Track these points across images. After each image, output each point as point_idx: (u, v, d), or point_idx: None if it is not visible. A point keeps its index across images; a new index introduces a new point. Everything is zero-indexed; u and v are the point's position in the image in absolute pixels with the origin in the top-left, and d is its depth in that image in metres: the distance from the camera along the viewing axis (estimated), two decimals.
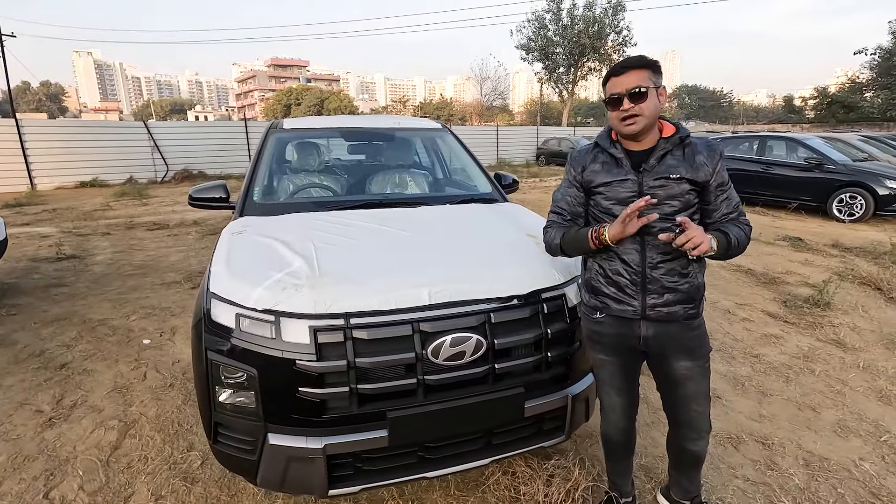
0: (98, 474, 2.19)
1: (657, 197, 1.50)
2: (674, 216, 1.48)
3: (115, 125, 16.63)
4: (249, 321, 1.62)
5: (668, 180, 1.50)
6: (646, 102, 1.44)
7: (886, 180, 8.03)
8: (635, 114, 1.45)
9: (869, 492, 2.10)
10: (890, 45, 25.02)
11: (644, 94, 1.44)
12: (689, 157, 1.51)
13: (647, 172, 1.52)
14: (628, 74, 1.45)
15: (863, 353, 3.41)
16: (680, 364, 1.60)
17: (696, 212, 1.55)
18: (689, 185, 1.50)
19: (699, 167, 1.50)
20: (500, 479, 2.11)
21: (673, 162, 1.51)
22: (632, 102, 1.44)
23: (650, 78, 1.45)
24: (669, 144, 1.52)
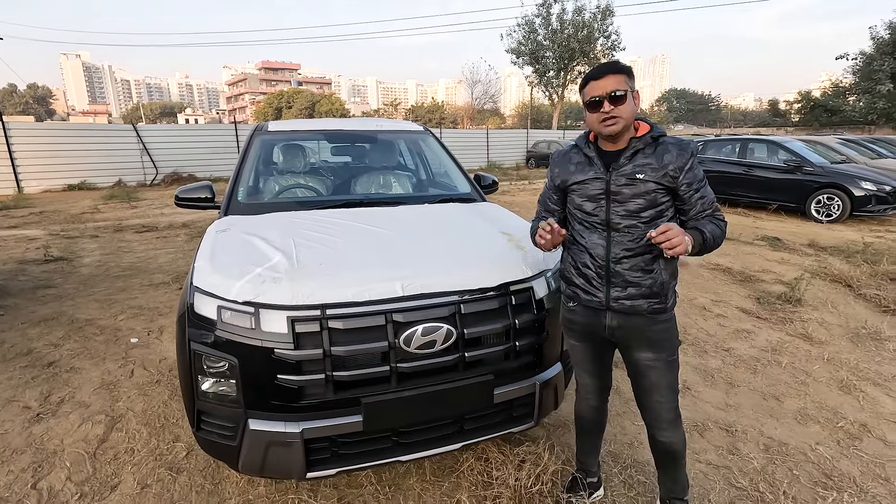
0: (85, 465, 2.26)
1: (623, 195, 1.59)
2: (640, 213, 1.58)
3: (104, 128, 16.55)
4: (231, 313, 1.70)
5: (633, 180, 1.58)
6: (624, 105, 1.53)
7: (862, 182, 8.26)
8: (615, 115, 1.53)
9: (822, 473, 2.22)
10: (871, 51, 25.55)
11: (623, 97, 1.53)
12: (659, 155, 1.57)
13: (615, 171, 1.61)
14: (607, 78, 1.53)
15: (828, 346, 3.55)
16: (643, 355, 1.69)
17: (668, 209, 1.60)
18: (655, 184, 1.56)
19: (665, 166, 1.55)
20: (473, 464, 2.21)
21: (642, 161, 1.58)
22: (612, 104, 1.53)
23: (626, 82, 1.54)
24: (640, 143, 1.59)
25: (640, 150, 1.60)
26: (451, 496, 2.06)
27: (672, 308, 1.69)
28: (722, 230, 1.61)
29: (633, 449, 2.38)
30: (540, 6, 31.07)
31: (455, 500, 2.03)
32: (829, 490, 2.10)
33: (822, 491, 2.10)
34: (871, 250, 6.06)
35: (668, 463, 1.82)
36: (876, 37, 25.38)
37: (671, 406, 1.73)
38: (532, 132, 25.60)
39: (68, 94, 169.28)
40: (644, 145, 1.60)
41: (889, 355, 3.40)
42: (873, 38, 25.57)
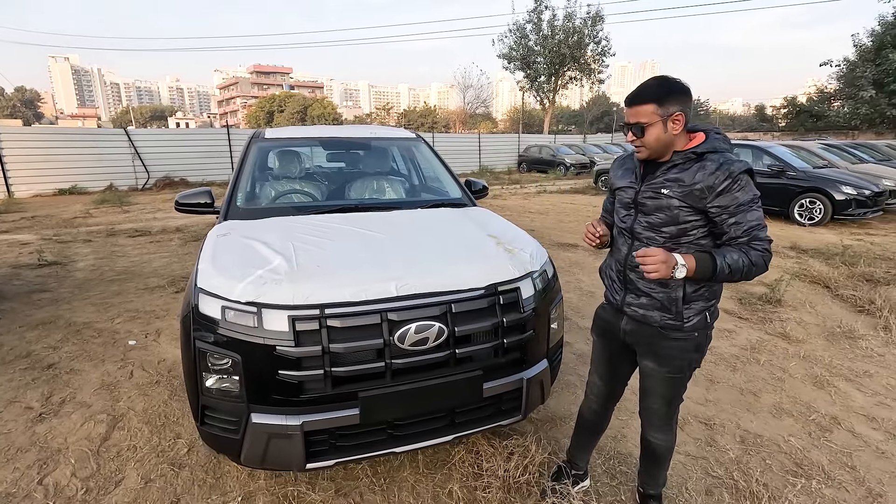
0: (89, 462, 2.33)
1: (647, 208, 1.62)
2: (660, 227, 1.59)
3: (95, 132, 16.46)
4: (234, 312, 1.80)
5: (658, 194, 1.58)
6: (646, 137, 1.53)
7: (843, 186, 8.50)
8: (640, 145, 1.57)
9: (793, 462, 2.36)
10: (854, 58, 26.11)
11: (644, 130, 1.53)
12: (693, 173, 1.51)
13: (646, 183, 1.63)
14: (633, 109, 1.54)
15: (805, 344, 3.70)
16: (645, 362, 1.75)
17: (695, 229, 1.55)
18: (679, 201, 1.53)
19: (694, 184, 1.50)
20: (464, 457, 2.31)
21: (673, 176, 1.55)
22: (634, 136, 1.56)
23: (655, 111, 1.50)
24: (680, 158, 1.55)
25: (679, 164, 1.56)
26: (443, 487, 2.17)
27: (692, 329, 1.62)
28: (753, 261, 1.47)
29: (616, 442, 2.50)
30: (531, 12, 31.44)
31: (447, 491, 2.14)
32: (798, 477, 2.24)
33: (793, 478, 2.23)
34: (849, 253, 6.26)
35: (650, 461, 1.92)
36: (858, 44, 25.97)
37: (662, 412, 1.79)
38: (524, 136, 25.81)
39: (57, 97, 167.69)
40: (684, 160, 1.55)
41: (861, 353, 3.56)
42: (856, 45, 26.17)
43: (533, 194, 13.96)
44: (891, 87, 23.21)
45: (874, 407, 2.86)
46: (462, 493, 2.11)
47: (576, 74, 33.00)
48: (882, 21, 24.75)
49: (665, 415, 1.80)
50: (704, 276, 1.49)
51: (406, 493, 2.14)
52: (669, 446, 1.87)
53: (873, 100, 24.07)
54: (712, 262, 1.47)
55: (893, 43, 22.80)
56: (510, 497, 2.08)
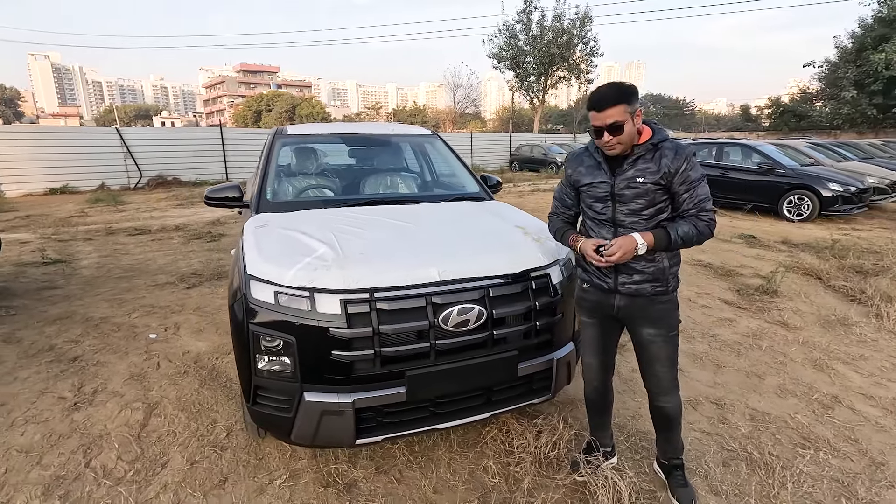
0: (132, 446, 2.41)
1: (626, 197, 1.81)
2: (641, 211, 1.80)
3: (86, 131, 16.26)
4: (287, 297, 1.90)
5: (634, 183, 1.79)
6: (622, 134, 1.72)
7: (830, 183, 8.79)
8: (614, 143, 1.75)
9: (801, 436, 2.52)
10: (835, 59, 26.79)
11: (620, 127, 1.71)
12: (657, 160, 1.76)
13: (619, 176, 1.82)
14: (606, 111, 1.70)
15: (803, 331, 3.89)
16: (645, 331, 1.94)
17: (666, 206, 1.82)
18: (654, 185, 1.77)
19: (662, 169, 1.75)
20: (496, 435, 2.44)
21: (642, 166, 1.78)
22: (611, 135, 1.73)
23: (625, 111, 1.70)
24: (642, 150, 1.78)
25: (642, 155, 1.79)
26: (477, 463, 2.29)
27: (673, 291, 1.91)
28: (700, 230, 1.76)
29: (635, 420, 2.64)
30: (520, 13, 31.69)
31: (482, 467, 2.26)
32: (807, 449, 2.40)
33: (801, 450, 2.39)
34: (838, 246, 6.51)
35: (665, 426, 2.07)
36: (840, 46, 26.67)
37: (670, 376, 1.97)
38: (515, 136, 26.02)
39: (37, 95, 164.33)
40: (645, 151, 1.79)
41: (856, 338, 3.76)
42: (837, 46, 26.87)
43: (527, 192, 14.14)
44: (871, 87, 23.87)
45: (871, 387, 3.04)
46: (497, 468, 2.23)
47: (565, 74, 33.34)
48: (862, 23, 25.45)
49: (672, 377, 1.98)
50: (661, 247, 1.78)
51: (443, 470, 2.26)
52: (679, 407, 2.02)
53: (854, 100, 24.73)
54: (667, 236, 1.77)
55: (873, 45, 23.44)
56: (543, 471, 2.22)
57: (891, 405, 2.84)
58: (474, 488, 2.15)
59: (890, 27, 22.89)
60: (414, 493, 2.12)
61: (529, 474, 2.17)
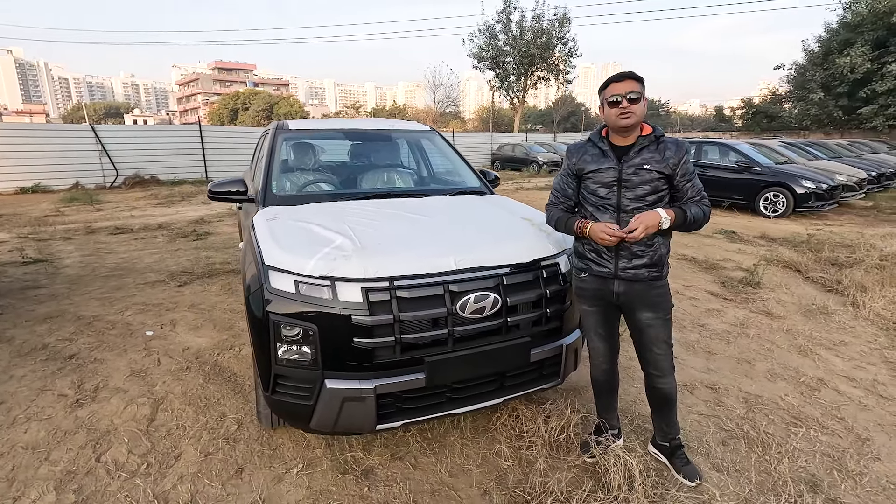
0: (142, 441, 2.40)
1: (632, 183, 1.95)
2: (645, 197, 1.95)
3: (59, 128, 15.72)
4: (307, 286, 1.93)
5: (641, 170, 1.94)
6: (638, 105, 1.88)
7: (803, 181, 9.14)
8: (631, 111, 1.88)
9: (791, 416, 2.66)
10: (803, 62, 27.74)
11: (638, 99, 1.88)
12: (661, 151, 1.93)
13: (626, 163, 1.96)
14: (627, 82, 1.89)
15: (786, 320, 4.07)
16: (644, 315, 2.04)
17: (666, 195, 1.97)
18: (658, 174, 1.92)
19: (667, 160, 1.92)
20: (506, 421, 2.51)
21: (647, 155, 1.93)
22: (629, 104, 1.88)
23: (640, 87, 1.89)
24: (646, 141, 1.95)
25: (646, 146, 1.95)
26: (489, 448, 2.35)
27: (666, 276, 2.05)
28: (705, 213, 1.97)
29: (636, 405, 2.74)
30: (500, 13, 31.92)
31: (495, 451, 2.32)
32: (798, 427, 2.54)
33: (794, 429, 2.53)
34: (813, 241, 6.81)
35: (663, 406, 2.17)
36: (807, 49, 27.61)
37: (668, 357, 2.09)
38: (496, 135, 26.20)
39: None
40: (649, 143, 1.96)
41: (836, 325, 3.96)
42: (805, 50, 27.81)
43: (511, 191, 14.27)
44: (837, 90, 24.80)
45: (853, 369, 3.22)
46: (509, 452, 2.30)
47: (544, 74, 33.72)
48: (828, 28, 26.41)
49: (670, 358, 2.10)
50: (678, 223, 1.94)
51: (457, 455, 2.31)
52: (675, 388, 2.14)
53: (822, 102, 25.65)
54: (683, 214, 1.95)
55: (839, 49, 24.36)
56: (554, 453, 2.29)
57: (871, 386, 3.01)
58: (489, 471, 2.21)
59: (854, 32, 23.83)
60: (431, 478, 2.17)
61: (542, 457, 2.24)
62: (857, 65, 22.95)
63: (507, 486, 2.11)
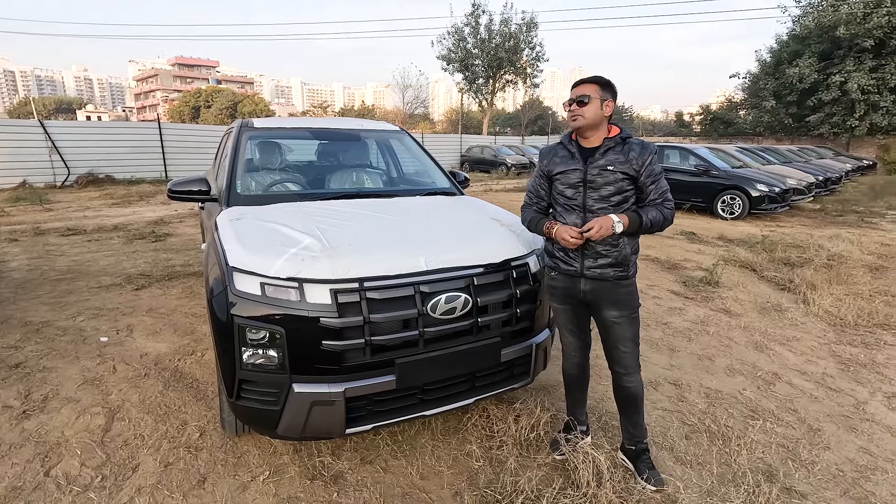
0: (96, 452, 2.28)
1: (597, 183, 1.99)
2: (610, 197, 1.98)
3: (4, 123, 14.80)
4: (274, 288, 1.88)
5: (605, 171, 1.98)
6: (585, 108, 1.93)
7: (758, 184, 9.57)
8: (578, 114, 1.94)
9: (750, 410, 2.77)
10: (757, 71, 29.04)
11: (585, 102, 1.92)
12: (626, 153, 1.96)
13: (591, 164, 2.00)
14: (581, 86, 1.95)
15: (743, 317, 4.24)
16: (610, 313, 2.08)
17: (631, 196, 2.00)
18: (622, 175, 1.96)
19: (630, 161, 1.94)
20: (476, 421, 2.51)
21: (612, 157, 1.96)
22: (577, 106, 1.94)
23: (597, 91, 1.93)
24: (612, 142, 1.99)
25: (612, 147, 1.99)
26: (461, 449, 2.35)
27: (633, 276, 2.09)
28: (665, 217, 2.00)
29: (604, 402, 2.79)
30: (469, 16, 32.10)
31: (465, 452, 2.32)
32: (756, 420, 2.64)
33: (751, 421, 2.63)
34: (767, 241, 7.13)
35: (629, 407, 2.19)
36: (760, 59, 28.91)
37: (634, 355, 2.12)
38: (465, 137, 26.35)
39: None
40: (615, 144, 1.99)
41: (789, 322, 4.15)
42: (758, 60, 29.12)
43: (480, 192, 14.36)
44: (787, 98, 26.04)
45: (804, 364, 3.38)
46: (480, 452, 2.30)
47: (512, 78, 34.11)
48: (779, 40, 27.74)
49: (636, 356, 2.13)
50: (633, 229, 1.97)
51: (428, 457, 2.29)
52: (642, 387, 2.17)
53: (773, 109, 26.89)
54: (639, 218, 1.96)
55: (789, 60, 25.59)
56: (524, 452, 2.31)
57: (821, 379, 3.17)
58: (460, 472, 2.20)
59: (802, 44, 25.09)
60: (401, 481, 2.15)
61: (512, 456, 2.26)
62: (805, 75, 24.16)
63: (478, 486, 2.11)
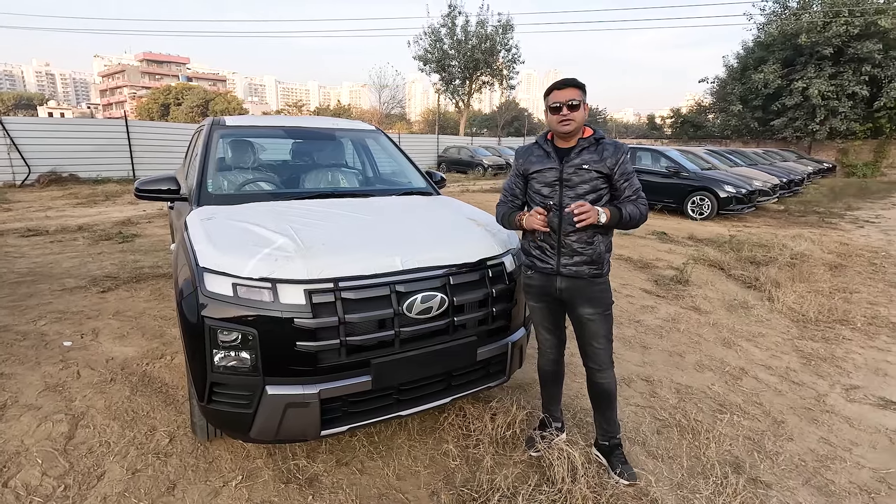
0: (59, 461, 2.19)
1: (572, 182, 2.03)
2: (585, 196, 2.02)
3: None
4: (246, 289, 1.84)
5: (580, 170, 2.02)
6: (578, 112, 1.98)
7: (726, 185, 9.87)
8: (571, 118, 1.97)
9: (718, 404, 2.85)
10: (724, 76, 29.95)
11: (577, 106, 1.97)
12: (600, 152, 2.02)
13: (567, 164, 2.04)
14: (568, 90, 1.98)
15: (712, 314, 4.37)
16: (584, 310, 2.11)
17: (606, 193, 2.05)
18: (597, 173, 2.02)
19: (605, 160, 2.00)
20: (453, 420, 2.51)
21: (587, 156, 2.02)
22: (569, 111, 1.97)
23: (581, 95, 1.98)
24: (586, 143, 2.04)
25: (586, 147, 2.05)
26: (437, 448, 2.35)
27: (607, 274, 2.14)
28: (642, 212, 2.05)
29: (578, 399, 2.84)
30: (445, 16, 32.16)
31: (442, 451, 2.32)
32: (723, 414, 2.72)
33: (720, 415, 2.71)
34: (734, 241, 7.35)
35: (603, 403, 2.23)
36: (728, 65, 29.83)
37: (607, 352, 2.16)
38: (442, 138, 26.37)
39: None
40: (589, 144, 2.05)
41: (754, 319, 4.29)
42: (726, 65, 30.04)
43: (457, 193, 14.39)
44: (753, 103, 26.93)
45: (769, 359, 3.50)
46: (457, 451, 2.31)
47: (489, 79, 34.31)
48: (745, 46, 28.70)
49: (609, 353, 2.18)
50: (614, 222, 2.00)
51: (404, 457, 2.29)
52: (615, 383, 2.21)
53: (740, 113, 27.76)
54: (619, 212, 2.00)
55: (755, 65, 26.49)
56: (500, 450, 2.33)
57: (785, 373, 3.29)
58: (437, 472, 2.20)
59: (767, 51, 26.01)
60: (378, 482, 2.13)
61: (488, 454, 2.27)
62: (769, 81, 25.03)
63: (454, 485, 2.12)
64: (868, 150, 25.17)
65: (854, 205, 13.18)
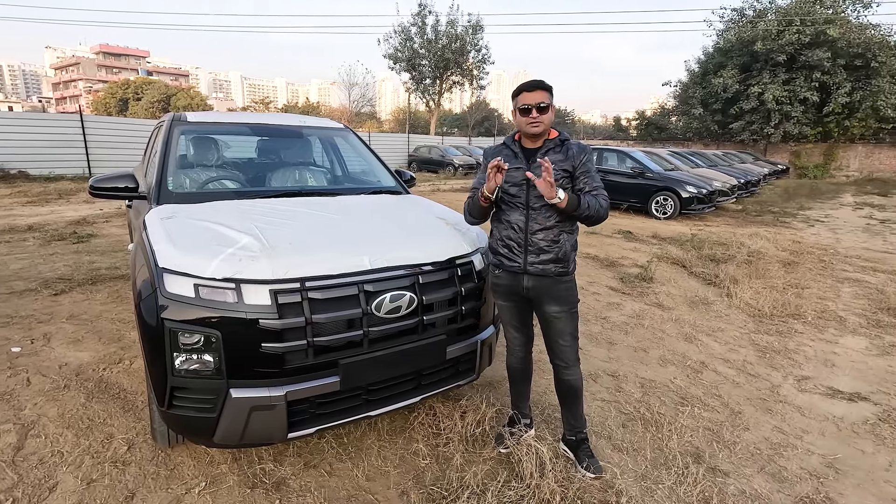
0: (6, 473, 2.08)
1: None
2: None
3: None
4: (209, 290, 1.79)
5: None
6: (546, 114, 2.02)
7: (688, 186, 10.20)
8: (539, 120, 2.01)
9: (680, 397, 2.95)
10: (686, 80, 30.98)
11: (546, 108, 2.01)
12: (565, 152, 2.08)
13: (534, 163, 2.07)
14: (537, 92, 2.01)
15: (674, 310, 4.51)
16: (551, 308, 2.16)
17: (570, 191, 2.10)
18: (563, 171, 2.07)
19: (569, 159, 2.07)
20: (423, 419, 2.51)
21: (553, 156, 2.06)
22: (538, 113, 2.01)
23: (549, 98, 2.03)
24: (552, 143, 2.09)
25: (552, 148, 2.10)
26: (407, 448, 2.34)
27: (573, 273, 2.18)
28: (601, 205, 2.04)
29: (546, 396, 2.88)
30: (415, 15, 32.08)
31: (412, 451, 2.32)
32: (685, 407, 2.82)
33: (681, 408, 2.81)
34: (696, 240, 7.62)
35: (570, 399, 2.28)
36: (689, 69, 30.88)
37: (573, 350, 2.21)
38: (413, 137, 26.31)
39: None
40: (555, 145, 2.11)
41: (714, 314, 4.46)
42: (688, 70, 31.09)
43: (428, 192, 14.38)
44: (713, 106, 27.97)
45: (728, 352, 3.64)
46: (427, 450, 2.31)
47: (459, 79, 34.43)
48: (706, 52, 29.75)
49: (575, 350, 2.22)
50: (571, 209, 1.99)
51: (374, 458, 2.27)
52: (581, 380, 2.26)
53: (701, 116, 28.78)
54: (577, 199, 2.00)
55: (714, 70, 27.49)
56: (470, 448, 2.34)
57: (742, 366, 3.43)
58: (407, 471, 2.20)
59: (726, 57, 27.06)
60: (347, 484, 2.11)
61: (458, 452, 2.28)
62: (728, 85, 26.03)
63: (424, 484, 2.12)
64: (818, 153, 26.49)
65: (806, 205, 13.86)
